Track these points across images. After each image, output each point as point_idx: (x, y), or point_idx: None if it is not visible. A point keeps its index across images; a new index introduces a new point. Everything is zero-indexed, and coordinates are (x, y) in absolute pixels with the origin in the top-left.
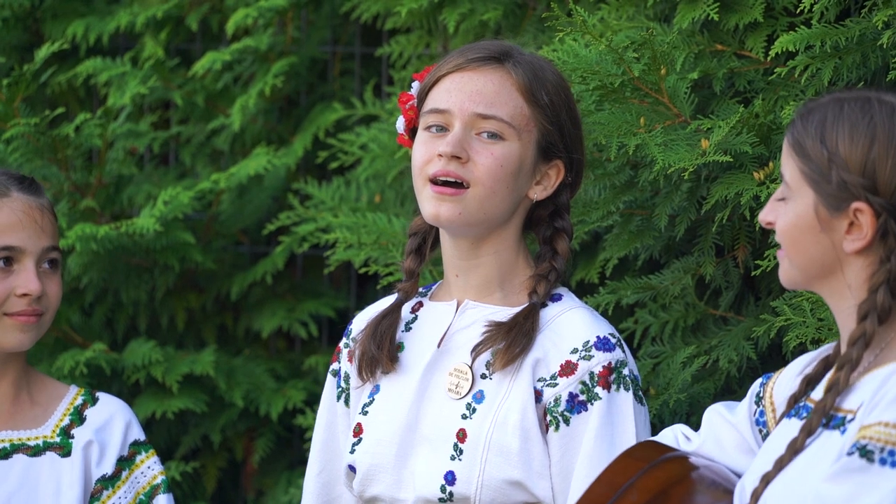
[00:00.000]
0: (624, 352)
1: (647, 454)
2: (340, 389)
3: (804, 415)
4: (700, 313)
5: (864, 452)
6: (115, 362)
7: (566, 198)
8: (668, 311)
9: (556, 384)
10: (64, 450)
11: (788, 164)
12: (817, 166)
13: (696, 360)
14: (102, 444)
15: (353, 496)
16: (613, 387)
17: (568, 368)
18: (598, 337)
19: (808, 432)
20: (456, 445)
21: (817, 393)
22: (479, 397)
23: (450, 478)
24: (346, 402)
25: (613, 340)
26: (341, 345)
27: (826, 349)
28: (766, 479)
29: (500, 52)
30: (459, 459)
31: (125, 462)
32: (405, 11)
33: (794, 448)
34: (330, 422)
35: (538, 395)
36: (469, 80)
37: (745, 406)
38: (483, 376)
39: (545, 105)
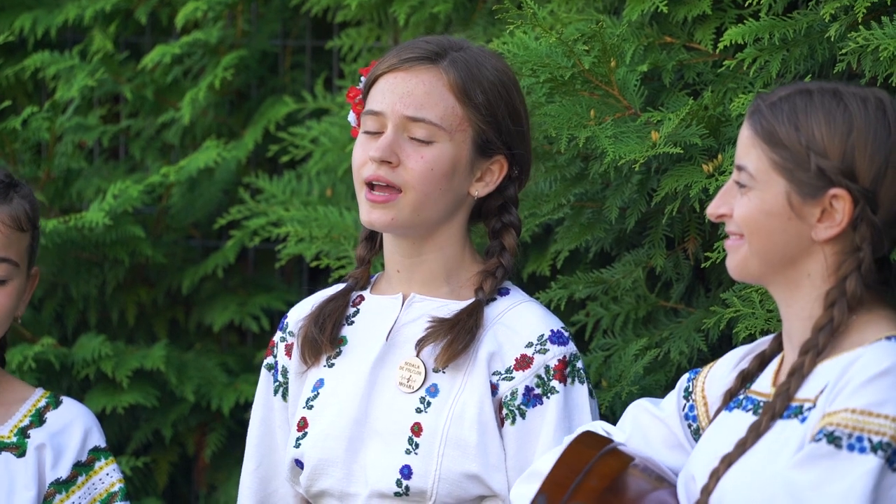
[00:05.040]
0: (574, 345)
1: (593, 443)
2: (278, 384)
3: (749, 407)
4: (651, 305)
5: (832, 439)
6: (64, 357)
7: (513, 191)
8: (619, 303)
9: (512, 377)
10: (19, 450)
11: (753, 154)
12: (792, 154)
13: (647, 352)
14: (58, 447)
15: (291, 491)
16: (569, 380)
17: (524, 362)
18: (552, 331)
19: (772, 416)
20: (411, 439)
21: (760, 385)
22: (434, 391)
23: (406, 472)
24: (284, 396)
25: (567, 334)
26: (276, 338)
27: (760, 343)
28: (728, 461)
29: (436, 50)
30: (416, 453)
31: (83, 467)
32: (355, 4)
33: (744, 447)
34: (265, 417)
35: (494, 389)
36: (401, 82)
37: (673, 401)
38: (435, 370)
39: (480, 104)
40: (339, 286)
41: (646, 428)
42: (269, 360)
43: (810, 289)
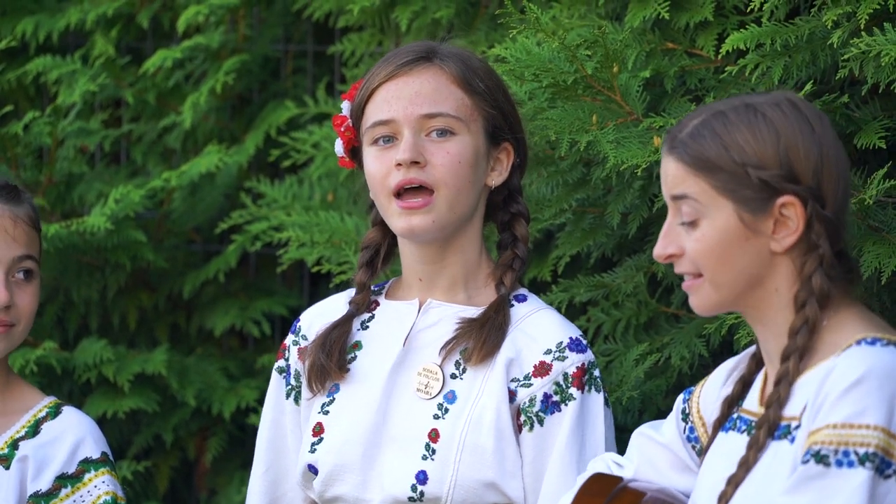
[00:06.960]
0: (592, 354)
1: (601, 488)
2: (290, 387)
3: (743, 427)
4: (652, 311)
5: (820, 458)
6: (65, 361)
7: (517, 180)
8: (620, 308)
9: (530, 384)
10: (7, 462)
11: (692, 185)
12: (730, 175)
13: (648, 357)
14: (41, 459)
15: (301, 494)
16: (586, 387)
17: (542, 369)
18: (570, 338)
19: (768, 428)
20: (428, 445)
21: (749, 404)
22: (451, 397)
23: (421, 477)
24: (297, 400)
25: (584, 342)
26: (289, 342)
27: (740, 361)
28: (735, 482)
29: (426, 50)
30: (432, 459)
31: (69, 479)
32: (357, 9)
33: (747, 465)
34: (276, 420)
35: (511, 395)
36: (405, 85)
37: (672, 424)
38: (453, 376)
39: (483, 91)
40: (348, 293)
41: (651, 456)
42: (281, 362)
43: (780, 303)
